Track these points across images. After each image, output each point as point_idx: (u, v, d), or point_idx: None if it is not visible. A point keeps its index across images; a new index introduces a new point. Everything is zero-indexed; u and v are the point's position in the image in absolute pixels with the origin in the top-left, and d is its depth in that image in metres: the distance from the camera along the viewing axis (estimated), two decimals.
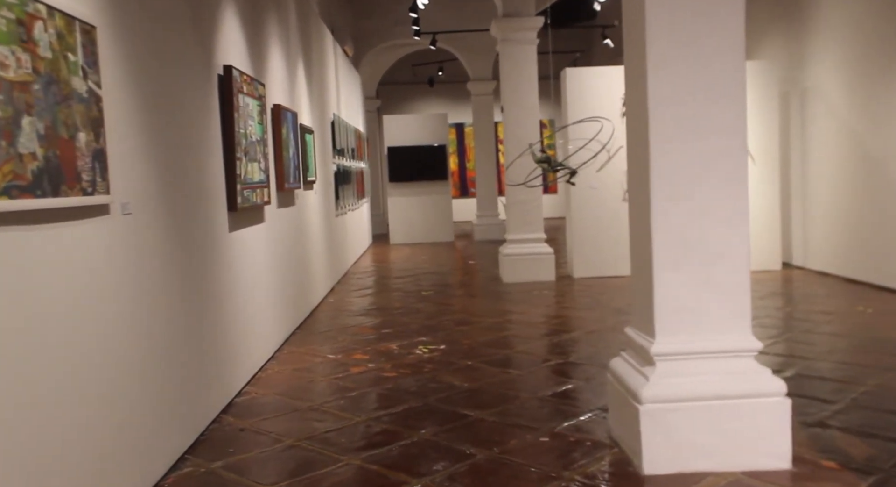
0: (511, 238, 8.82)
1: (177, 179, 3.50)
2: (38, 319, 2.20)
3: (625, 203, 9.13)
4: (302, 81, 7.19)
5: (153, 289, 3.15)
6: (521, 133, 8.64)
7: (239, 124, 4.41)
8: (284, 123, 5.83)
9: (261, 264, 5.16)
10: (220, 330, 4.14)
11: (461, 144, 19.99)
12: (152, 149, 3.20)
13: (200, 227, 3.85)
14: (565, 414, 3.89)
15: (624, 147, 8.33)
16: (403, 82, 19.00)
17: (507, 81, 8.72)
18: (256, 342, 4.91)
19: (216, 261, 4.11)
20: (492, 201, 14.51)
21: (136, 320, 2.96)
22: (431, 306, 7.32)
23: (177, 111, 3.54)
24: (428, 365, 4.98)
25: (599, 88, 8.68)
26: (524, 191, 8.60)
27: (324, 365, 5.09)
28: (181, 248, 3.54)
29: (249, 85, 4.71)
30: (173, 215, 3.44)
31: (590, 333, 5.83)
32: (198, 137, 3.86)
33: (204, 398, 3.78)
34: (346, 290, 8.59)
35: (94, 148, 2.53)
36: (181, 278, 3.52)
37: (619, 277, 8.74)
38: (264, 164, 5.09)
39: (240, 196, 4.44)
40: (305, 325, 6.49)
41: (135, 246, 2.96)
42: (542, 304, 7.33)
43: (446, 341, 5.72)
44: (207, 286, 3.93)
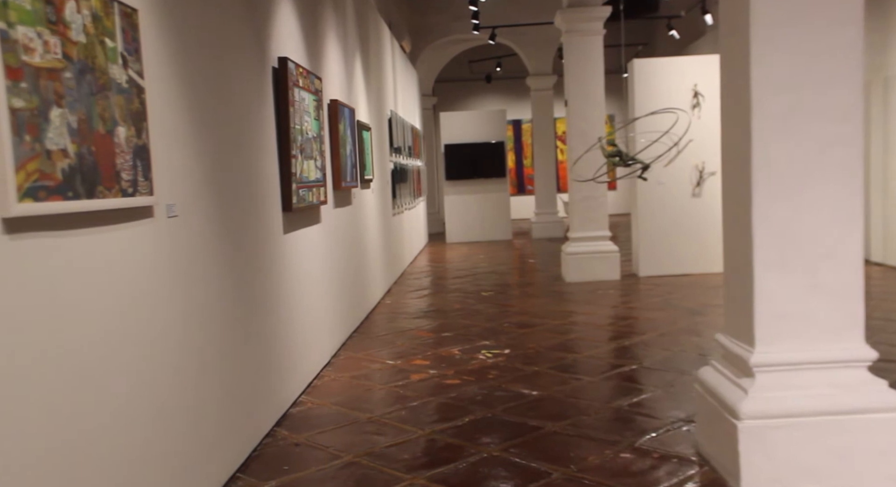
0: (574, 236, 8.47)
1: (228, 179, 3.30)
2: (72, 335, 2.00)
3: (695, 199, 8.79)
4: (359, 77, 6.98)
5: (204, 297, 2.95)
6: (586, 127, 8.28)
7: (294, 120, 4.21)
8: (342, 120, 5.62)
9: (317, 267, 4.96)
10: (275, 337, 3.93)
11: (518, 142, 19.65)
12: (201, 146, 3.00)
13: (253, 229, 3.65)
14: (644, 426, 3.57)
15: (694, 141, 8.02)
16: (460, 79, 18.74)
17: (572, 73, 8.37)
18: (312, 348, 4.70)
19: (270, 264, 3.91)
20: (550, 198, 14.15)
21: (186, 331, 2.75)
22: (492, 307, 7.04)
23: (228, 105, 3.34)
24: (492, 372, 4.70)
25: (668, 79, 8.28)
26: (588, 187, 8.25)
27: (382, 372, 4.85)
28: (233, 252, 3.34)
29: (305, 78, 4.50)
30: (224, 216, 3.24)
31: (662, 335, 5.47)
32: (250, 133, 3.66)
33: (257, 410, 3.57)
34: (403, 291, 8.37)
35: (135, 144, 2.33)
36: (233, 284, 3.32)
37: (687, 275, 8.33)
38: (321, 162, 4.88)
39: (295, 196, 4.23)
40: (362, 328, 6.28)
41: (182, 251, 2.76)
42: (608, 304, 6.97)
43: (510, 345, 5.43)
44: (261, 291, 3.73)
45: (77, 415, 2.00)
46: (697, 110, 8.22)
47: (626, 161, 6.50)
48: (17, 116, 1.76)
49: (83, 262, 2.06)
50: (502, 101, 18.88)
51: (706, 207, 8.39)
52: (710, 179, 8.36)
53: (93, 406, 2.08)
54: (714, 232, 8.41)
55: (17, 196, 1.75)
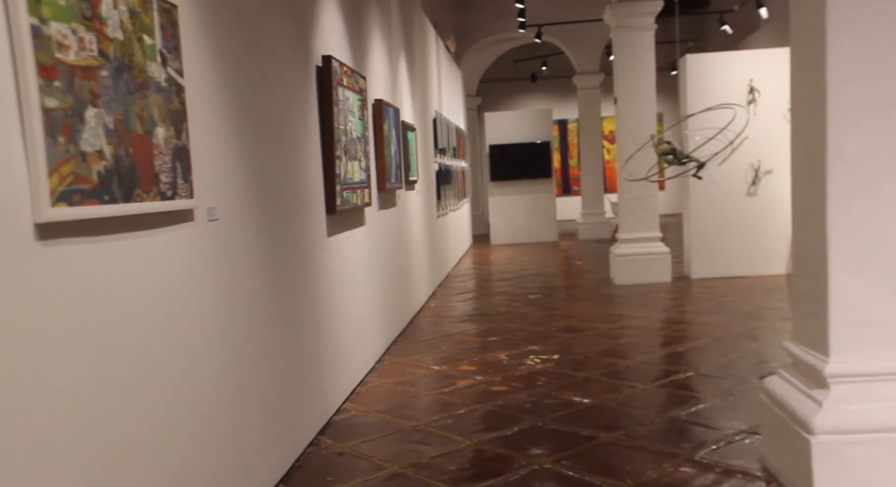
0: (624, 237, 8.26)
1: (270, 180, 3.22)
2: (109, 346, 1.92)
3: (750, 198, 8.49)
4: (404, 76, 6.89)
5: (246, 303, 2.87)
6: (636, 125, 8.06)
7: (338, 120, 4.12)
8: (386, 120, 5.53)
9: (361, 270, 4.87)
10: (319, 343, 3.85)
11: (564, 142, 19.40)
12: (243, 146, 2.92)
13: (297, 232, 3.57)
14: (703, 438, 3.39)
15: (749, 138, 7.74)
16: (504, 79, 18.58)
17: (622, 70, 8.15)
18: (356, 353, 4.61)
19: (314, 268, 3.82)
20: (597, 198, 13.90)
21: (228, 338, 2.67)
22: (539, 310, 6.87)
23: (270, 105, 3.26)
24: (541, 378, 4.55)
25: (723, 74, 8.02)
26: (639, 187, 8.03)
27: (427, 378, 4.74)
28: (276, 255, 3.25)
29: (350, 77, 4.42)
30: (267, 219, 3.16)
31: (718, 341, 5.25)
32: (294, 133, 3.58)
33: (301, 418, 3.49)
34: (448, 294, 8.25)
35: (174, 145, 2.25)
36: (276, 289, 3.24)
37: (742, 277, 8.06)
38: (365, 163, 4.79)
39: (339, 198, 4.14)
40: (407, 332, 6.18)
41: (224, 256, 2.68)
42: (659, 307, 6.76)
43: (558, 350, 5.27)
44: (304, 296, 3.65)
45: (115, 429, 1.92)
46: (753, 107, 7.94)
47: (680, 159, 6.28)
48: (51, 116, 1.69)
49: (120, 269, 1.98)
50: (548, 100, 18.66)
51: (762, 206, 8.11)
52: (766, 177, 8.07)
53: (131, 420, 2.00)
54: (770, 233, 8.12)
55: (51, 200, 1.68)
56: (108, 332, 1.92)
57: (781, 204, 8.06)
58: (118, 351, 1.96)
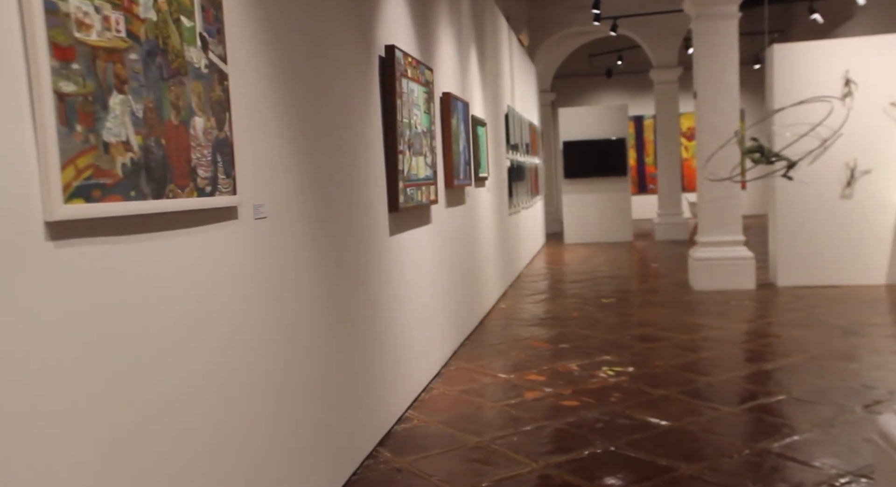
0: (704, 240, 7.79)
1: (326, 176, 3.01)
2: (135, 361, 1.72)
3: (844, 200, 7.88)
4: (474, 69, 6.63)
5: (297, 307, 2.66)
6: (718, 121, 7.59)
7: (402, 113, 3.89)
8: (454, 114, 5.28)
9: (426, 271, 4.63)
10: (380, 348, 3.63)
11: (640, 138, 18.80)
12: (295, 139, 2.71)
13: (356, 231, 3.35)
14: (800, 478, 3.00)
15: (844, 135, 7.18)
16: (579, 74, 18.10)
17: (703, 62, 7.68)
18: (421, 358, 4.38)
19: (374, 269, 3.60)
20: (675, 197, 13.33)
21: (278, 346, 2.47)
22: (613, 316, 6.51)
23: (327, 95, 3.05)
24: (614, 393, 4.23)
25: (814, 65, 7.46)
26: (720, 187, 7.56)
27: (494, 387, 4.47)
28: (331, 256, 3.04)
29: (415, 69, 4.18)
30: (322, 217, 2.94)
31: (812, 359, 4.80)
32: (353, 126, 3.36)
33: (360, 428, 3.27)
34: (519, 295, 7.96)
35: (215, 137, 2.04)
36: (332, 291, 3.02)
37: (834, 287, 7.49)
38: (431, 158, 4.55)
39: (402, 195, 3.91)
40: (475, 336, 5.92)
41: (272, 257, 2.47)
42: (744, 318, 6.30)
43: (633, 361, 4.92)
44: (365, 298, 3.43)
45: (156, 452, 1.72)
46: (849, 100, 7.36)
47: (769, 158, 5.81)
48: (67, 102, 1.49)
49: (149, 272, 1.79)
50: (623, 96, 18.09)
51: (858, 209, 7.52)
52: (863, 178, 7.48)
53: (172, 441, 1.80)
54: (868, 238, 7.53)
55: (64, 196, 1.48)
56: (132, 346, 1.72)
57: (882, 207, 7.46)
58: (146, 364, 1.76)
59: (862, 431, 3.47)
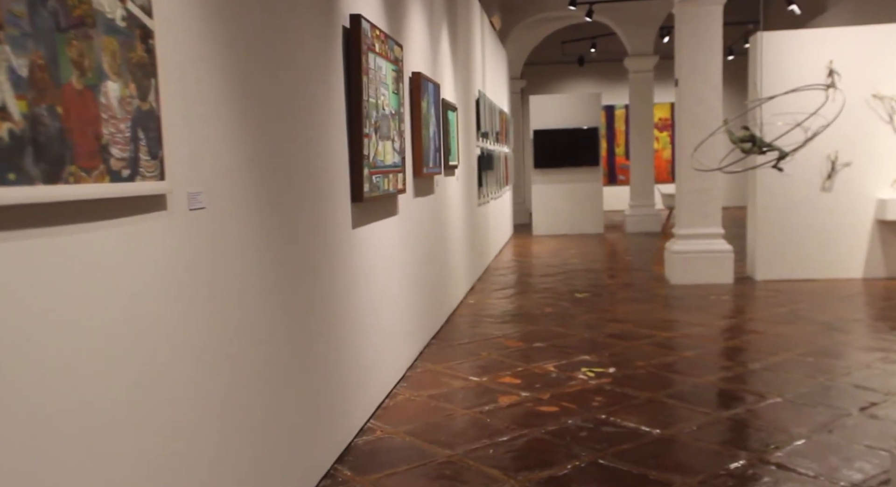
0: (682, 233, 7.54)
1: (280, 161, 2.63)
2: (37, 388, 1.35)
3: (824, 193, 7.67)
4: (446, 50, 6.26)
5: (242, 312, 2.29)
6: (700, 110, 7.33)
7: (368, 91, 3.52)
8: (425, 96, 4.92)
9: (392, 266, 4.28)
10: (341, 351, 3.27)
11: (610, 129, 18.57)
12: (244, 118, 2.33)
13: (314, 223, 2.98)
14: None
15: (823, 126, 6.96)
16: (550, 62, 17.80)
17: (685, 49, 7.40)
18: (385, 360, 4.03)
19: (335, 265, 3.24)
20: (647, 189, 13.12)
21: (217, 358, 2.10)
22: (588, 312, 6.22)
23: (283, 67, 2.67)
24: (596, 397, 3.92)
25: (799, 55, 7.23)
26: (700, 178, 7.30)
27: (465, 392, 4.14)
28: (285, 253, 2.67)
29: (383, 44, 3.81)
30: (273, 208, 2.57)
31: (800, 358, 4.55)
32: (313, 104, 2.99)
33: (317, 443, 2.91)
34: (488, 289, 7.64)
35: (136, 108, 1.66)
36: (285, 293, 2.66)
37: (811, 280, 7.30)
38: (399, 143, 4.19)
39: (367, 183, 3.55)
40: (443, 334, 5.58)
41: (212, 255, 2.10)
42: (724, 314, 6.06)
43: (614, 361, 4.63)
44: (322, 299, 3.07)
45: None
46: (832, 91, 7.14)
47: (761, 148, 5.53)
48: None
49: (41, 279, 1.41)
50: (595, 85, 17.84)
51: (837, 203, 7.33)
52: (843, 170, 7.28)
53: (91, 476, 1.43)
54: (846, 232, 7.34)
55: None
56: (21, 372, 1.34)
57: (860, 201, 7.28)
58: (42, 396, 1.38)
59: (862, 437, 3.22)
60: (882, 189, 7.26)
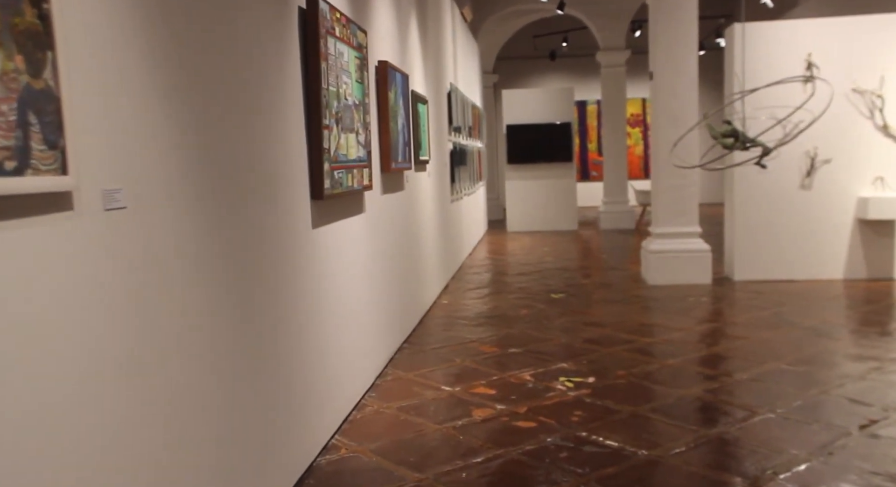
0: (659, 232, 7.30)
1: (226, 154, 2.31)
2: None
3: (804, 191, 7.47)
4: (414, 39, 5.94)
5: (177, 329, 1.97)
6: (675, 105, 7.09)
7: (328, 79, 3.20)
8: (392, 86, 4.60)
9: (359, 268, 3.96)
10: (300, 365, 2.95)
11: (583, 124, 18.35)
12: (181, 103, 2.01)
13: (266, 224, 2.66)
14: None
15: (805, 122, 6.75)
16: (522, 57, 17.53)
17: (660, 41, 7.16)
18: (352, 369, 3.72)
19: (292, 271, 2.92)
20: (621, 185, 12.91)
21: (152, 376, 1.78)
22: (565, 314, 5.96)
23: (230, 50, 2.35)
24: (576, 411, 3.65)
25: (776, 48, 7.03)
26: (677, 175, 7.07)
27: (437, 403, 3.84)
28: (233, 256, 2.35)
29: (345, 28, 3.49)
30: (218, 208, 2.25)
31: (789, 367, 4.31)
32: (264, 91, 2.67)
33: (273, 465, 2.60)
34: (462, 288, 7.35)
35: (25, 87, 1.34)
36: (233, 303, 2.34)
37: (791, 281, 7.11)
38: (364, 136, 3.88)
39: (328, 179, 3.23)
40: (415, 338, 5.28)
41: (137, 262, 1.78)
42: (705, 317, 5.83)
43: (593, 370, 4.36)
44: (278, 308, 2.75)
45: None
46: (811, 85, 6.95)
47: (745, 144, 5.29)
48: None
49: None
50: (567, 80, 17.60)
51: (817, 201, 7.14)
52: (823, 167, 7.10)
53: None
54: (826, 231, 7.16)
55: None
56: None
57: (841, 199, 7.10)
58: None
59: (865, 460, 2.98)
60: (863, 187, 7.10)
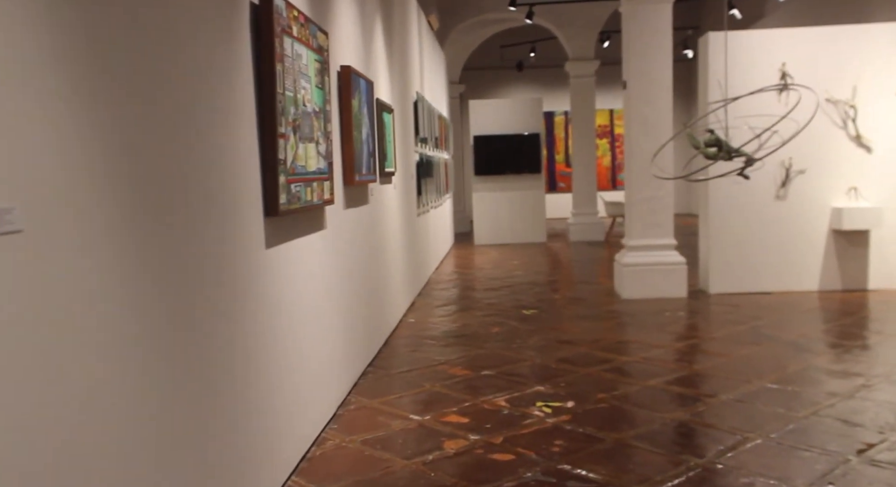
0: (632, 244, 7.10)
1: (158, 168, 2.01)
2: None
3: (779, 202, 7.31)
4: (380, 45, 5.68)
5: (102, 360, 1.67)
6: (649, 113, 6.92)
7: (284, 83, 2.91)
8: (356, 93, 4.33)
9: (319, 288, 3.67)
10: (250, 397, 2.65)
11: (550, 135, 18.22)
12: (107, 105, 1.71)
13: (212, 245, 2.36)
14: None
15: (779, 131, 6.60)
16: (489, 67, 17.37)
17: (633, 49, 6.99)
18: (311, 399, 3.42)
19: (242, 296, 2.62)
20: (590, 196, 12.76)
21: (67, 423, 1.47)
22: (538, 332, 5.71)
23: (167, 43, 2.05)
24: (556, 441, 3.39)
25: (750, 57, 6.91)
26: (652, 186, 6.89)
27: (405, 435, 3.55)
28: (169, 282, 2.05)
29: (303, 28, 3.21)
30: (154, 229, 1.95)
31: (775, 386, 4.11)
32: (209, 96, 2.37)
33: None
34: (429, 305, 7.07)
35: None
36: (170, 332, 2.03)
37: (766, 294, 6.96)
38: (325, 146, 3.59)
39: (285, 193, 2.94)
40: (380, 360, 4.98)
41: (38, 296, 1.47)
42: (683, 333, 5.63)
43: (571, 393, 4.11)
44: (224, 334, 2.44)
45: None
46: (784, 95, 6.84)
47: (729, 154, 5.09)
48: None
49: None
50: (535, 91, 17.46)
51: (791, 212, 7.01)
52: (797, 178, 6.98)
53: None
54: (800, 243, 7.04)
55: None
56: None
57: (815, 210, 6.98)
58: None
59: None
60: (837, 197, 6.98)
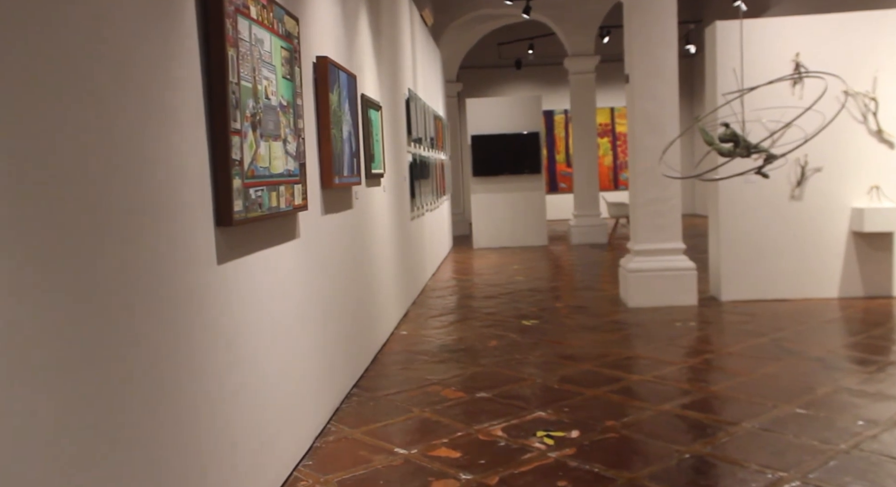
0: (639, 249, 6.67)
1: (74, 172, 1.58)
2: None
3: (794, 202, 6.89)
4: (365, 38, 5.24)
5: None
6: (653, 108, 6.50)
7: (238, 71, 2.48)
8: (335, 88, 3.90)
9: (290, 306, 3.23)
10: (203, 440, 2.21)
11: (550, 135, 17.79)
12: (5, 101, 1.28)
13: (141, 264, 1.93)
14: None
15: (795, 126, 6.18)
16: (487, 65, 16.95)
17: (637, 42, 6.56)
18: (281, 433, 2.98)
19: (186, 321, 2.18)
20: (592, 197, 12.32)
21: None
22: (539, 346, 5.28)
23: (91, 31, 1.62)
24: (560, 482, 2.96)
25: (761, 47, 6.48)
26: (658, 187, 6.47)
27: (389, 473, 3.12)
28: (89, 311, 1.61)
29: (265, 10, 2.78)
30: (68, 247, 1.52)
31: (805, 411, 3.67)
32: (139, 86, 1.94)
33: None
34: (423, 315, 6.64)
35: None
36: (93, 372, 1.60)
37: (783, 301, 6.53)
38: (296, 145, 3.16)
39: (241, 199, 2.51)
40: (367, 379, 4.55)
41: None
42: (696, 346, 5.20)
43: (577, 420, 3.68)
44: (166, 372, 2.01)
45: None
46: (799, 87, 6.41)
47: (748, 150, 4.65)
48: None
49: None
50: (534, 89, 17.04)
51: (808, 212, 6.58)
52: (814, 176, 6.54)
53: None
54: (819, 246, 6.60)
55: None
56: None
57: (833, 210, 6.55)
58: None
59: None
60: (857, 197, 6.55)
